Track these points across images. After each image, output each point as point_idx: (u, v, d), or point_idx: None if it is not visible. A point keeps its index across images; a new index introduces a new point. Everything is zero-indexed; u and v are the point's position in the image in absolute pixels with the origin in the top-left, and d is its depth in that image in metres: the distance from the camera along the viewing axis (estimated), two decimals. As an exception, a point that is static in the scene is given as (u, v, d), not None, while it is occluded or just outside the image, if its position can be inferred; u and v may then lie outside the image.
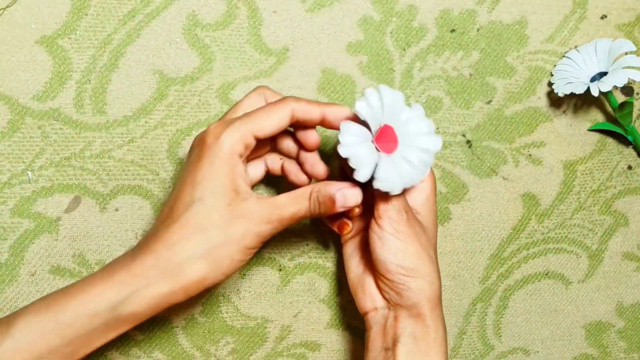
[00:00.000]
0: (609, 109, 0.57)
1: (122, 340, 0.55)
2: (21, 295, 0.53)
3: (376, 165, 0.42)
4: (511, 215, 0.58)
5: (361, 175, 0.42)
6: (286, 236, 0.56)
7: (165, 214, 0.43)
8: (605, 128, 0.57)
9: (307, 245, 0.56)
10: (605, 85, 0.51)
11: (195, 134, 0.53)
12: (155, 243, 0.41)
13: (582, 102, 0.57)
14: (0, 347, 0.39)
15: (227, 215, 0.41)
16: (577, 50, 0.55)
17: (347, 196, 0.43)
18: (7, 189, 0.52)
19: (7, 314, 0.52)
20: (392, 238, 0.45)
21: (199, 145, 0.43)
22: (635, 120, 0.58)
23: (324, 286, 0.57)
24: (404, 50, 0.54)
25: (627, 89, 0.58)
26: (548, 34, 0.56)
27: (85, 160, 0.52)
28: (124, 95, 0.52)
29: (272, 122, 0.43)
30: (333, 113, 0.44)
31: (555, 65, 0.56)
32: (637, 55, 0.55)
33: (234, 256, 0.42)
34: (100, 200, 0.53)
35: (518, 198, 0.57)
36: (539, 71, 0.56)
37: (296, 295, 0.56)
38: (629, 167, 0.58)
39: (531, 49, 0.56)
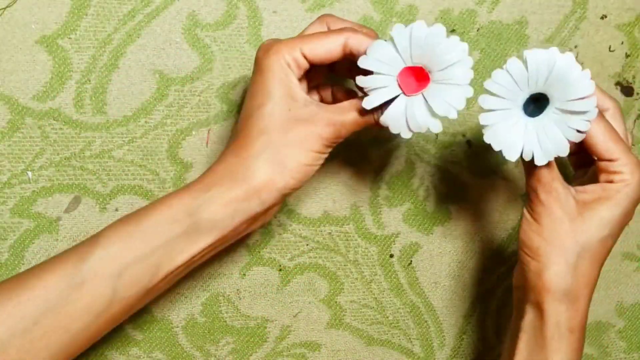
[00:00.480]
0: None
1: (122, 340, 0.55)
2: (21, 295, 0.53)
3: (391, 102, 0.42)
4: (511, 215, 0.58)
5: (367, 103, 0.41)
6: (286, 236, 0.56)
7: (233, 132, 0.45)
8: None
9: (307, 245, 0.56)
10: (540, 157, 0.41)
11: (195, 134, 0.53)
12: (224, 154, 0.43)
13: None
14: (92, 257, 0.40)
15: (288, 119, 0.42)
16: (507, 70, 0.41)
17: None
18: (7, 189, 0.52)
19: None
20: (525, 211, 0.45)
21: (255, 62, 0.44)
22: (635, 120, 0.58)
23: (324, 286, 0.57)
24: (404, 50, 0.54)
25: (628, 89, 0.58)
26: (548, 34, 0.56)
27: (85, 160, 0.52)
28: (124, 95, 0.52)
29: (323, 45, 0.43)
30: None
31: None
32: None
33: (299, 159, 0.42)
34: (100, 200, 0.53)
35: (518, 198, 0.57)
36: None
37: (296, 295, 0.57)
38: (629, 167, 0.58)
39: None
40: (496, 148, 0.41)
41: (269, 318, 0.56)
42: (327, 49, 0.43)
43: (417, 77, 0.42)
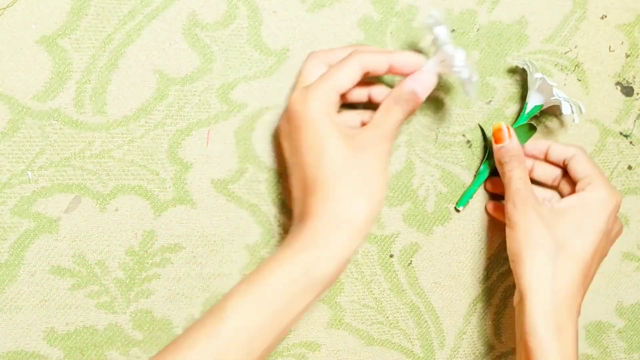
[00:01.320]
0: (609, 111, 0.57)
1: (122, 340, 0.55)
2: (21, 295, 0.53)
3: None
4: (511, 215, 0.58)
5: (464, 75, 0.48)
6: (286, 236, 0.56)
7: (300, 191, 0.46)
8: None
9: (307, 245, 0.56)
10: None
11: (195, 134, 0.53)
12: (308, 211, 0.44)
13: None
14: (221, 333, 0.41)
15: (351, 154, 0.44)
16: None
17: (418, 80, 0.47)
18: (7, 189, 0.52)
19: (8, 314, 0.53)
20: (506, 228, 0.51)
21: (292, 118, 0.46)
22: (635, 120, 0.58)
23: (324, 286, 0.57)
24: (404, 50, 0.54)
25: (628, 89, 0.58)
26: (548, 34, 0.56)
27: (85, 160, 0.52)
28: (124, 95, 0.52)
29: (347, 77, 0.46)
30: (401, 62, 0.47)
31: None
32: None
33: (379, 183, 0.44)
34: (100, 200, 0.53)
35: (518, 198, 0.57)
36: (539, 71, 0.56)
37: (296, 295, 0.56)
38: (629, 167, 0.58)
39: (531, 49, 0.56)
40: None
41: (269, 318, 0.56)
42: (351, 78, 0.46)
43: None
